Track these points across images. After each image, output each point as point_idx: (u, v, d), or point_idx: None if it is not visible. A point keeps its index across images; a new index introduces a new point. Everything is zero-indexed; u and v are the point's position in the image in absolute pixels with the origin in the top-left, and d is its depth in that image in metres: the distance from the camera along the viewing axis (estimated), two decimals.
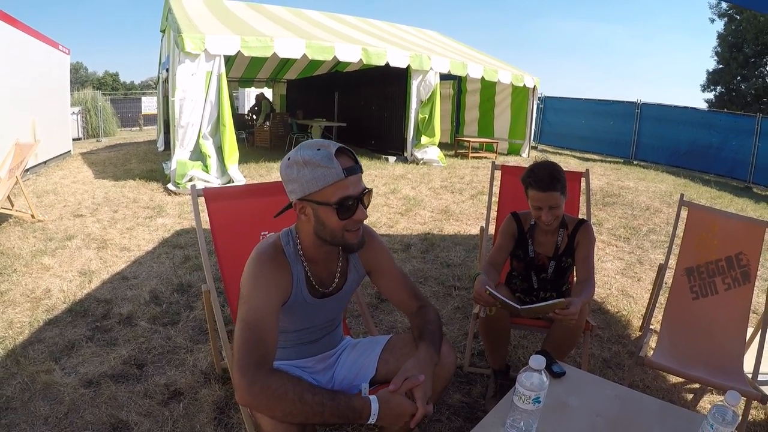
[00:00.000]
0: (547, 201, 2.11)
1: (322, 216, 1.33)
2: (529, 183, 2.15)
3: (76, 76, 38.61)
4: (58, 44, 10.09)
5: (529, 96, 11.47)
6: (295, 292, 1.45)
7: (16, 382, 2.31)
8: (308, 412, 1.20)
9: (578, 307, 1.78)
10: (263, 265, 1.38)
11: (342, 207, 1.31)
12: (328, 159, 1.28)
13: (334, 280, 1.54)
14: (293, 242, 1.46)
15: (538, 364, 1.21)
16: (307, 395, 1.20)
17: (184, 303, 3.26)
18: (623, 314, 3.38)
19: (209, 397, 2.24)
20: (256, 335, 1.27)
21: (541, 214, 2.14)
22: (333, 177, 1.28)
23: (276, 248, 1.44)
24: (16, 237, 4.54)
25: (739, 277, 2.56)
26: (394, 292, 1.62)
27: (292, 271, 1.44)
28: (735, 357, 2.34)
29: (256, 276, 1.36)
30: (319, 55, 8.11)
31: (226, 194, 2.27)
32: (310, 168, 1.28)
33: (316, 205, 1.32)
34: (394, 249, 4.48)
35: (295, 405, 1.19)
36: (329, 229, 1.35)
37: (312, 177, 1.28)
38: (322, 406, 1.20)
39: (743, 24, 21.09)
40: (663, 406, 1.47)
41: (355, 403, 1.24)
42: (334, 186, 1.29)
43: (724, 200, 7.96)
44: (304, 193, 1.31)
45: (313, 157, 1.28)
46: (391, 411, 1.25)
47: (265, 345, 1.27)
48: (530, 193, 2.16)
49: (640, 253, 4.73)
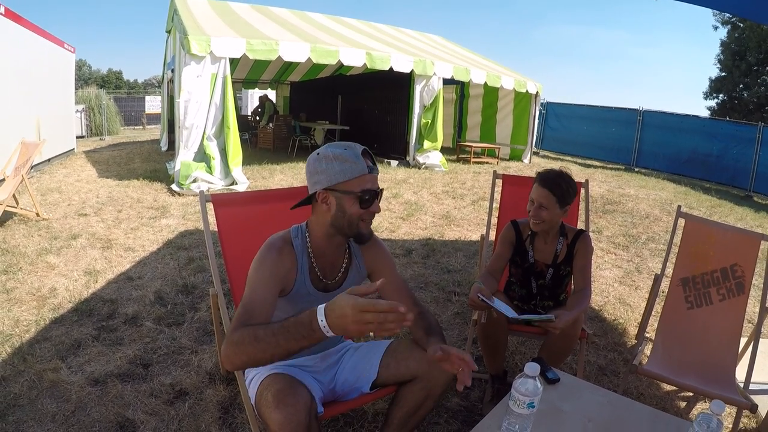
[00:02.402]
0: (540, 197, 2.20)
1: (345, 204, 1.49)
2: (535, 179, 2.27)
3: (79, 73, 38.70)
4: (64, 42, 10.17)
5: (532, 102, 11.54)
6: (298, 282, 1.56)
7: (23, 379, 2.36)
8: (266, 347, 1.24)
9: (565, 322, 1.85)
10: (269, 253, 1.52)
11: (363, 197, 1.48)
12: (356, 156, 1.47)
13: (337, 274, 1.66)
14: (302, 235, 1.60)
15: (532, 371, 1.27)
16: (259, 332, 1.26)
17: (189, 304, 3.32)
18: (620, 322, 3.43)
19: (214, 397, 2.29)
20: (249, 313, 1.38)
21: (531, 210, 2.24)
22: (359, 171, 1.47)
23: (285, 240, 1.57)
24: (21, 235, 4.60)
25: (734, 288, 2.60)
26: (394, 296, 1.68)
27: (298, 261, 1.57)
28: (727, 366, 2.38)
29: (261, 263, 1.50)
30: (323, 59, 8.18)
31: (234, 200, 2.33)
32: (339, 162, 1.46)
33: (340, 194, 1.49)
34: (395, 254, 4.54)
35: (254, 345, 1.25)
36: (348, 216, 1.50)
37: (340, 170, 1.46)
38: (274, 336, 1.23)
39: (746, 32, 21.17)
40: (652, 412, 1.53)
41: (302, 318, 1.21)
42: (359, 179, 1.47)
43: (724, 209, 8.00)
44: (331, 183, 1.48)
45: (342, 153, 1.47)
46: (335, 313, 1.15)
47: (251, 316, 1.37)
48: (533, 187, 2.26)
49: (638, 262, 4.78)
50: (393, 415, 1.64)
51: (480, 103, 13.15)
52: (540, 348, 2.22)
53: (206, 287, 3.54)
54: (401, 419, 1.63)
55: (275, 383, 1.42)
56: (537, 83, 11.33)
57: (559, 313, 1.88)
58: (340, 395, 1.71)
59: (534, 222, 2.24)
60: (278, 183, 7.58)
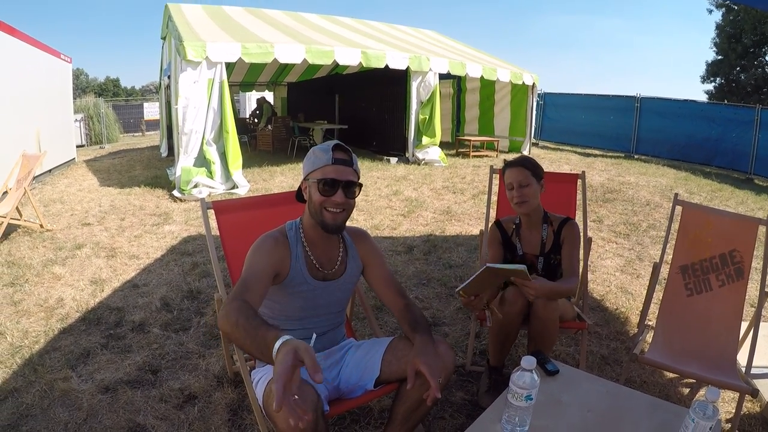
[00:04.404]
0: (517, 177, 2.29)
1: (312, 192, 1.65)
2: (504, 168, 2.39)
3: (77, 82, 38.80)
4: (60, 53, 10.21)
5: (529, 93, 11.54)
6: (294, 269, 1.68)
7: (34, 389, 2.41)
8: (238, 336, 1.30)
9: (541, 286, 1.90)
10: (265, 240, 1.67)
11: (323, 184, 1.61)
12: (325, 150, 1.64)
13: (334, 265, 1.77)
14: (296, 228, 1.75)
15: (529, 364, 1.30)
16: (241, 320, 1.32)
17: (195, 309, 3.36)
18: (622, 311, 3.46)
19: (223, 400, 2.33)
20: (245, 286, 1.49)
21: (513, 192, 2.30)
22: (323, 162, 1.63)
23: (280, 231, 1.74)
24: (26, 247, 4.65)
25: (733, 273, 2.61)
26: (383, 287, 1.81)
27: (292, 250, 1.70)
28: (728, 352, 2.40)
29: (258, 248, 1.65)
30: (318, 60, 8.20)
31: (234, 206, 2.35)
32: (314, 156, 1.66)
33: (310, 183, 1.66)
34: (397, 251, 4.57)
35: (233, 327, 1.32)
36: (313, 203, 1.65)
37: (312, 161, 1.66)
38: (247, 333, 1.28)
39: (741, 14, 21.06)
40: (651, 401, 1.56)
41: (269, 336, 1.22)
42: (321, 169, 1.63)
43: (725, 193, 8.00)
44: (305, 173, 1.68)
45: (318, 149, 1.67)
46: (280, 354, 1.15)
47: (248, 291, 1.47)
48: (506, 175, 2.36)
49: (639, 250, 4.80)
50: (396, 412, 1.68)
51: (477, 96, 13.15)
52: (527, 341, 2.25)
53: (211, 292, 3.58)
54: (404, 415, 1.66)
55: None
56: (533, 74, 11.33)
57: (536, 278, 1.94)
58: (345, 393, 1.75)
59: (519, 203, 2.30)
60: (279, 184, 7.61)
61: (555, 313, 2.10)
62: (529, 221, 2.39)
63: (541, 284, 1.92)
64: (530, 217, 2.37)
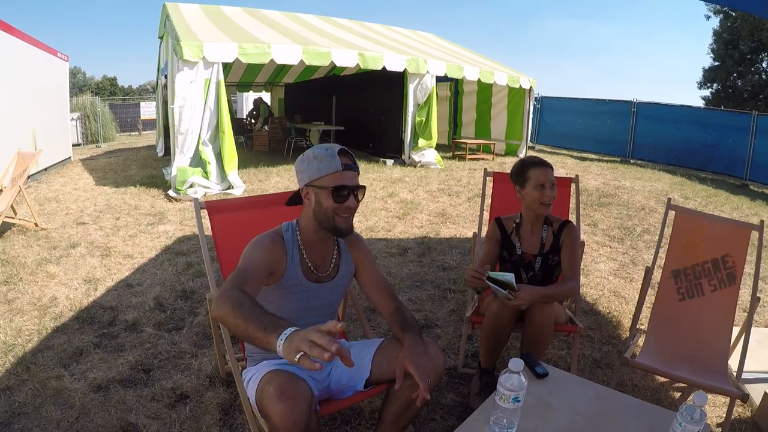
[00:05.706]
0: (549, 176, 2.30)
1: (321, 199, 1.63)
2: (528, 166, 2.34)
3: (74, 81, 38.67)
4: (57, 51, 10.18)
5: (526, 97, 11.56)
6: (288, 270, 1.69)
7: (27, 388, 2.40)
8: (237, 320, 1.31)
9: (529, 295, 1.94)
10: (262, 240, 1.68)
11: (336, 192, 1.60)
12: (331, 155, 1.62)
13: (328, 267, 1.79)
14: (292, 230, 1.75)
15: (516, 367, 1.31)
16: (246, 304, 1.34)
17: (188, 309, 3.36)
18: (614, 315, 3.47)
19: (214, 400, 2.33)
20: (243, 275, 1.51)
21: (546, 192, 2.29)
22: (333, 168, 1.61)
23: (276, 232, 1.74)
24: (20, 245, 4.64)
25: (725, 278, 2.63)
26: (374, 290, 1.83)
27: (288, 252, 1.71)
28: (719, 357, 2.42)
29: (255, 245, 1.66)
30: (316, 61, 8.21)
31: (228, 207, 2.36)
32: (317, 161, 1.62)
33: (317, 189, 1.63)
34: (391, 253, 4.57)
35: (233, 310, 1.33)
36: (324, 210, 1.63)
37: (317, 167, 1.62)
38: (247, 317, 1.30)
39: (739, 21, 21.18)
40: (640, 404, 1.57)
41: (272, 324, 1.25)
42: (332, 176, 1.61)
43: (720, 198, 8.03)
44: (310, 179, 1.64)
45: (320, 153, 1.63)
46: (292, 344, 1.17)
47: (247, 283, 1.48)
48: (532, 174, 2.31)
49: (633, 254, 4.82)
50: (385, 413, 1.69)
51: (474, 99, 13.16)
52: (520, 343, 2.26)
53: (205, 292, 3.58)
54: (394, 416, 1.67)
55: (277, 377, 1.50)
56: (530, 78, 11.36)
57: (522, 287, 1.96)
58: (335, 393, 1.76)
59: (549, 203, 2.31)
60: (274, 185, 7.61)
61: (550, 318, 2.12)
62: (532, 221, 2.40)
63: (529, 293, 1.94)
64: (536, 217, 2.38)
